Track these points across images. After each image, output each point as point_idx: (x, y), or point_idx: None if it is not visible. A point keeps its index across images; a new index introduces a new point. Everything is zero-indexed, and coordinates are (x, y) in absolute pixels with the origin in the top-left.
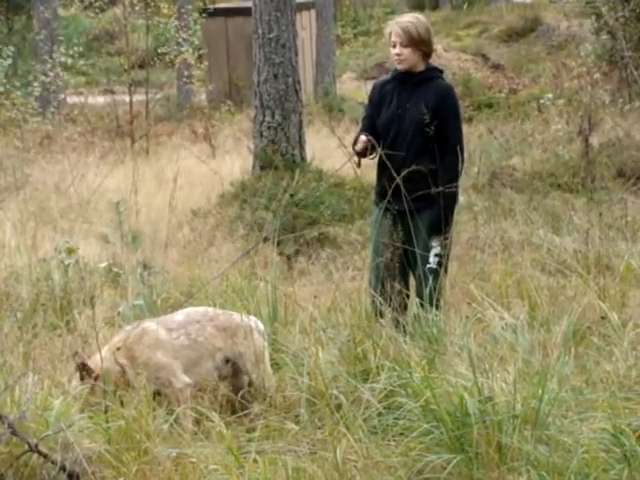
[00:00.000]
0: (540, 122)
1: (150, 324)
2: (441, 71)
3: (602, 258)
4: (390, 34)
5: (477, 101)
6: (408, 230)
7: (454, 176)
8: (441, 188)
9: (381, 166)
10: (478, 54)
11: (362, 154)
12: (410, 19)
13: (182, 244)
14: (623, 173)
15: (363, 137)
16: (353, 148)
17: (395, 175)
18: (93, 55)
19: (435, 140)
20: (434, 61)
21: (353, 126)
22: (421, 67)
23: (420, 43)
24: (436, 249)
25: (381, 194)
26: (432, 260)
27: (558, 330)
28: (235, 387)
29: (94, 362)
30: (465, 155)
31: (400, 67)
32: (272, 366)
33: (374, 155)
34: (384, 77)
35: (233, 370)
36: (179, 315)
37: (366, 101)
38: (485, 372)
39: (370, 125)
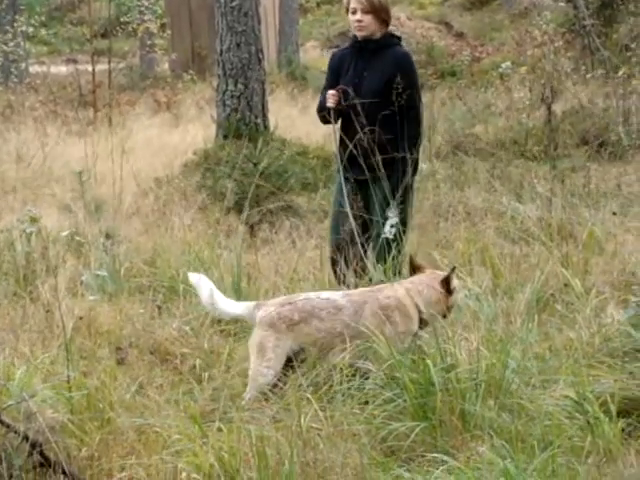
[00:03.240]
0: (503, 90)
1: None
2: (399, 38)
3: (565, 226)
4: (349, 0)
5: (440, 69)
6: (367, 199)
7: (414, 144)
8: (400, 156)
9: (342, 135)
10: (441, 22)
11: (337, 110)
12: None
13: (145, 213)
14: (586, 141)
15: (331, 91)
16: (322, 110)
17: (358, 142)
18: (55, 24)
19: (394, 108)
20: (396, 30)
21: (317, 95)
22: (379, 34)
23: (380, 10)
24: (392, 219)
25: (340, 162)
26: (387, 230)
27: (521, 298)
28: None
29: None
30: (424, 123)
31: (360, 34)
32: (235, 335)
33: (350, 101)
34: (344, 45)
35: None
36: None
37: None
38: (448, 340)
39: None
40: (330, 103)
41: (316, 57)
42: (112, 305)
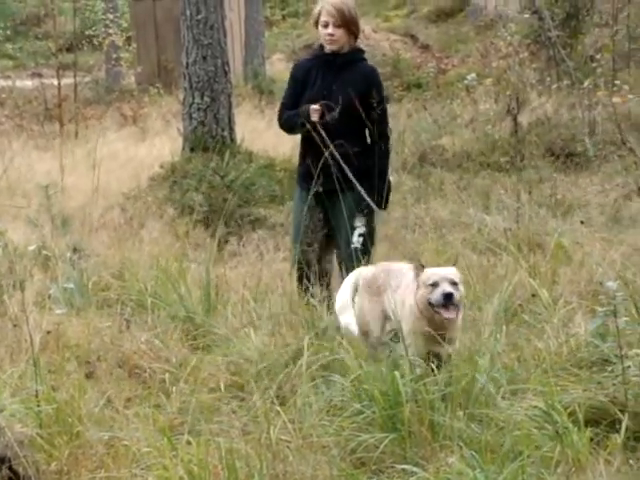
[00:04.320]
0: (469, 102)
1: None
2: (364, 52)
3: (532, 236)
4: (320, 13)
5: (406, 81)
6: (333, 211)
7: (383, 157)
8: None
9: (305, 147)
10: (407, 35)
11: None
12: None
13: (112, 227)
14: (552, 151)
15: (314, 106)
16: (293, 122)
17: (325, 156)
18: (21, 39)
19: (361, 121)
20: (362, 42)
21: None
22: (346, 48)
23: (351, 23)
24: (360, 229)
25: (305, 175)
26: (355, 240)
27: (489, 308)
28: None
29: None
30: (394, 135)
31: (330, 47)
32: (203, 348)
33: (333, 115)
34: (306, 56)
35: None
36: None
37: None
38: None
39: (294, 104)
40: (315, 117)
41: (282, 70)
42: (80, 319)
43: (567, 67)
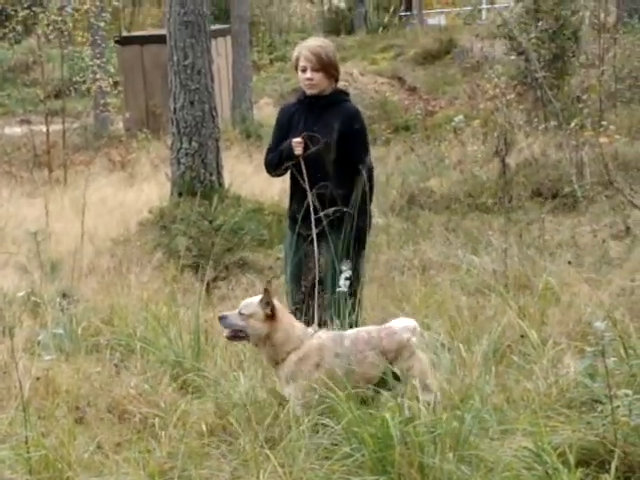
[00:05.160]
0: (456, 144)
1: (329, 343)
2: (347, 94)
3: (521, 277)
4: (298, 58)
5: (394, 124)
6: (320, 253)
7: (364, 199)
8: (351, 211)
9: (291, 190)
10: (394, 77)
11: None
12: (319, 43)
13: (102, 272)
14: (540, 192)
15: (296, 139)
16: (279, 163)
17: (312, 198)
18: (9, 86)
19: (344, 163)
20: (350, 85)
21: None
22: (329, 90)
23: (329, 66)
24: (346, 272)
25: (292, 219)
26: (342, 283)
27: (478, 349)
28: None
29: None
30: (375, 178)
31: (310, 92)
32: (193, 392)
33: (319, 146)
34: (291, 100)
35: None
36: (347, 339)
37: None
38: (406, 393)
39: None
40: (298, 151)
41: (270, 114)
42: (70, 364)
43: (554, 108)
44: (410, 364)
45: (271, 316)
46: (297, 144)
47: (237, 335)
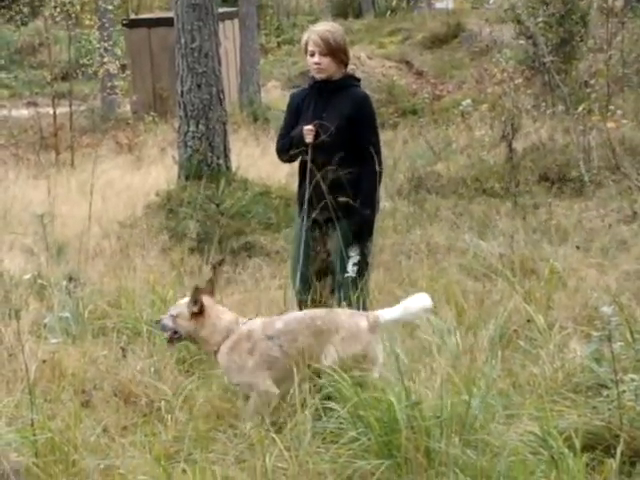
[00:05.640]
0: (464, 128)
1: (258, 328)
2: (357, 79)
3: (527, 262)
4: (307, 43)
5: (401, 108)
6: (329, 238)
7: (373, 185)
8: (360, 197)
9: (301, 175)
10: (402, 61)
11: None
12: (327, 27)
13: (108, 255)
14: (547, 177)
15: (308, 127)
16: (290, 148)
17: (319, 183)
18: (16, 68)
19: (353, 148)
20: (357, 68)
21: None
22: (338, 75)
23: (338, 51)
24: (354, 258)
25: (301, 203)
26: (350, 269)
27: (485, 334)
28: None
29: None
30: (384, 163)
31: (319, 76)
32: (199, 376)
33: (329, 133)
34: (302, 86)
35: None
36: (279, 321)
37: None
38: (412, 377)
39: (289, 134)
40: (309, 139)
41: (277, 97)
42: (76, 348)
43: (562, 92)
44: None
45: (198, 313)
46: (308, 132)
47: (173, 337)
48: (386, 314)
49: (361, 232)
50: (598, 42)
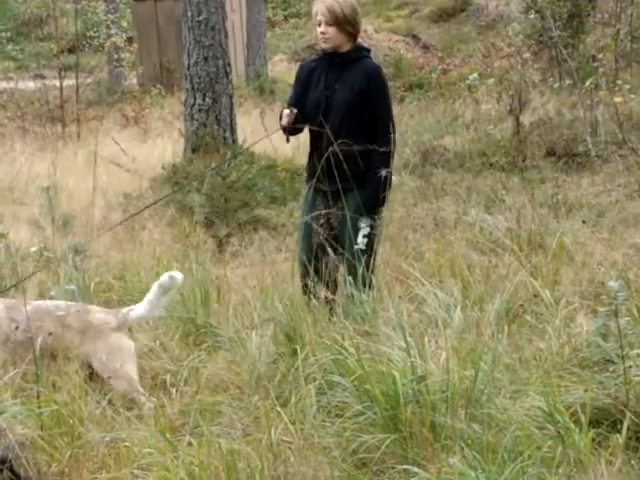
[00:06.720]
0: (470, 102)
1: (3, 314)
2: (368, 50)
3: (534, 236)
4: (316, 13)
5: (408, 82)
6: (338, 210)
7: (386, 157)
8: (372, 169)
9: (312, 145)
10: (409, 35)
11: (290, 129)
12: None
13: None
14: (554, 152)
15: (287, 111)
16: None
17: (326, 154)
18: (22, 40)
19: (365, 121)
20: (364, 42)
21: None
22: (347, 47)
23: (345, 22)
24: (364, 230)
25: (311, 173)
26: (360, 241)
27: (491, 308)
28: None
29: None
30: (396, 135)
31: (325, 46)
32: (205, 349)
33: (302, 127)
34: (312, 57)
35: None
36: (30, 305)
37: (293, 81)
38: (418, 351)
39: (297, 104)
40: (284, 122)
41: (284, 70)
42: None
43: (569, 67)
44: (95, 347)
45: None
46: (286, 115)
47: None
48: (136, 311)
49: (373, 204)
50: (606, 16)
